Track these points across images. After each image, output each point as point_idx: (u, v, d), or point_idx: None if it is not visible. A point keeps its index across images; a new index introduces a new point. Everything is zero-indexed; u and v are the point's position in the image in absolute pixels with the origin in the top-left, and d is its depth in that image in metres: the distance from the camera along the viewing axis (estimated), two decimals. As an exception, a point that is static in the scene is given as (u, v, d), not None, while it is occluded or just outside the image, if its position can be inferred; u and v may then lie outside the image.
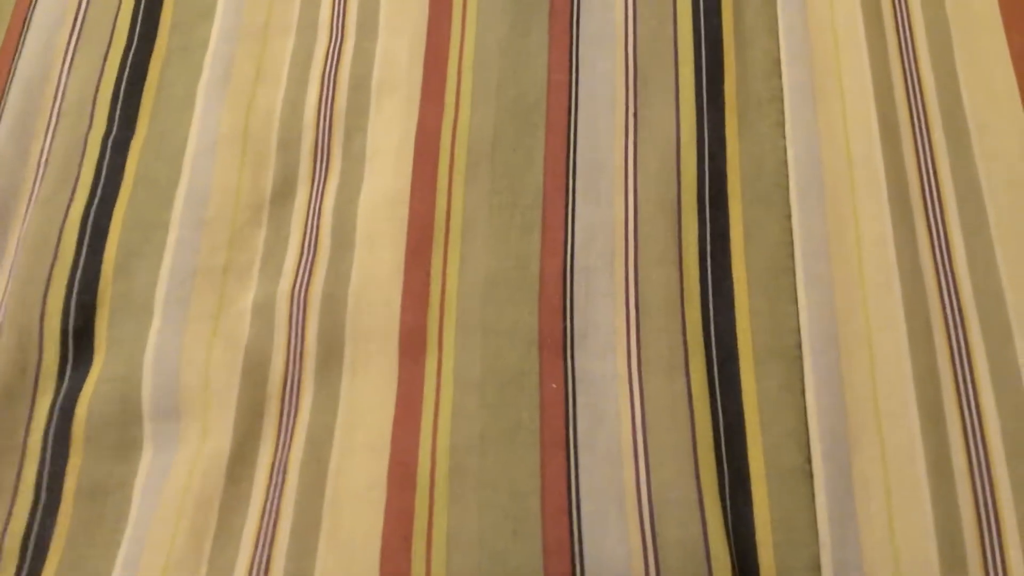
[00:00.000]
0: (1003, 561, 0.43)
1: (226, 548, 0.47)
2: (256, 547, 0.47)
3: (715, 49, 0.56)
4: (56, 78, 0.61)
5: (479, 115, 0.56)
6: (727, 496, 0.46)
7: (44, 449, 0.50)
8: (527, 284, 0.51)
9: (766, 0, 0.58)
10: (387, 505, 0.47)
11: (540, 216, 0.53)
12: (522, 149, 0.55)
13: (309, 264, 0.54)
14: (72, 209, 0.56)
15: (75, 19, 0.63)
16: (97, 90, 0.60)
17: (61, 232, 0.55)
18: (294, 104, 0.59)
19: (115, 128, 0.59)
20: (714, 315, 0.50)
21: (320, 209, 0.56)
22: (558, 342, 0.50)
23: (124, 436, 0.50)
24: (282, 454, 0.49)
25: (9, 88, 0.60)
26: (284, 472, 0.49)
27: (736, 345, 0.49)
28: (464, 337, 0.51)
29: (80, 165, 0.58)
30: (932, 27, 0.55)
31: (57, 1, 0.63)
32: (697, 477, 0.46)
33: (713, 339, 0.49)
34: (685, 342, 0.49)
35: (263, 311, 0.53)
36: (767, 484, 0.46)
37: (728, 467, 0.47)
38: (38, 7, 0.63)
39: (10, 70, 0.61)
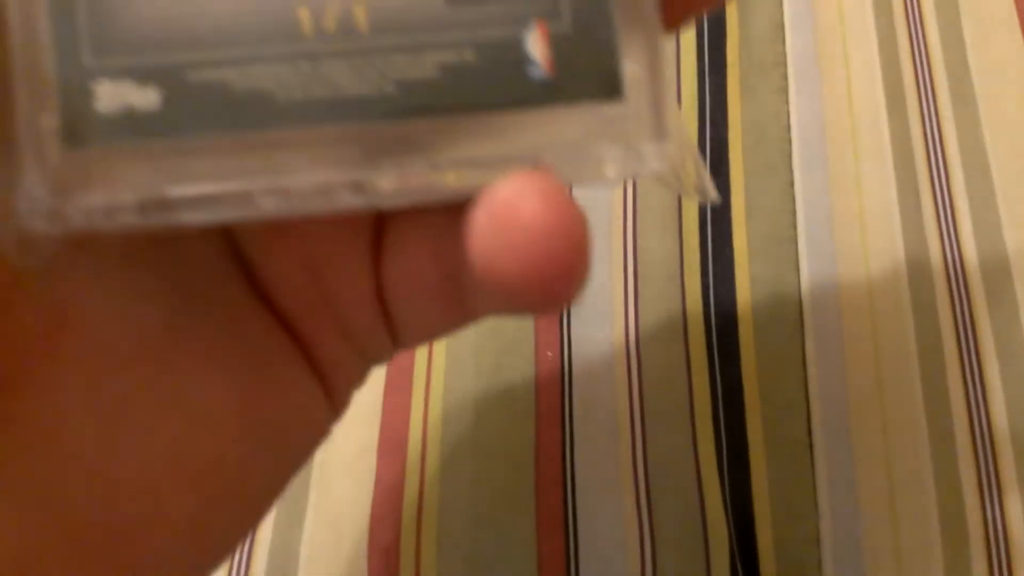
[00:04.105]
0: (1006, 536, 0.42)
1: (211, 519, 0.46)
2: (242, 518, 0.46)
3: (717, 13, 0.55)
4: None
5: None
6: (725, 467, 0.45)
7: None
8: (523, 251, 0.50)
9: (770, -35, 0.57)
10: (377, 475, 0.46)
11: (537, 182, 0.52)
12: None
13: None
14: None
15: None
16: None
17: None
18: None
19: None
20: (714, 283, 0.49)
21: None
22: (554, 310, 0.49)
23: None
24: (269, 423, 0.48)
25: None
26: (271, 441, 0.48)
27: (736, 314, 0.48)
28: (457, 304, 0.49)
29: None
30: (939, -9, 0.54)
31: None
32: (694, 448, 0.45)
33: (712, 308, 0.48)
34: (684, 310, 0.48)
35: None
36: (766, 455, 0.45)
37: (726, 438, 0.46)
38: None
39: None
